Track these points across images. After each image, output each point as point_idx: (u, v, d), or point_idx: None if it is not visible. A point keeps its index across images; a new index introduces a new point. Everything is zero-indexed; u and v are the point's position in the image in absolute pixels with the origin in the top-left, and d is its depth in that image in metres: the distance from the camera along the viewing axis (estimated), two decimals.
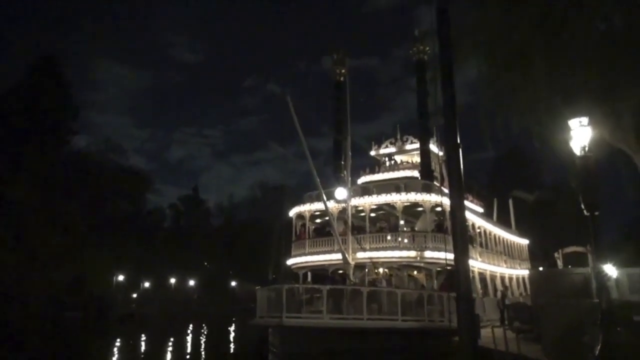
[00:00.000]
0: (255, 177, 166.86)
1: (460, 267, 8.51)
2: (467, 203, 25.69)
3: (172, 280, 65.02)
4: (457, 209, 8.42)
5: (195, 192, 73.08)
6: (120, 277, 54.28)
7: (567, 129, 9.18)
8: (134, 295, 57.87)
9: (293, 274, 23.57)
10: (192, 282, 66.74)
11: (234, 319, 42.75)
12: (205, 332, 35.84)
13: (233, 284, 71.02)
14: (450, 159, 8.73)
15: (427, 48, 25.41)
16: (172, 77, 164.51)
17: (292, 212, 24.17)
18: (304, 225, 23.68)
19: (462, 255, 8.62)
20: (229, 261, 66.32)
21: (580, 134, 8.84)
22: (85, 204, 45.51)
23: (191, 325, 39.40)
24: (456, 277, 8.65)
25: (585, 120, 8.93)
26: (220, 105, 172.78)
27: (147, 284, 63.41)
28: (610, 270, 15.00)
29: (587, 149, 8.71)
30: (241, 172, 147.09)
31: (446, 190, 14.92)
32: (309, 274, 23.28)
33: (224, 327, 38.11)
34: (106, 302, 46.47)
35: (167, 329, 37.48)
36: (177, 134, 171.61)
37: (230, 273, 69.39)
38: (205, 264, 68.53)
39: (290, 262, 23.68)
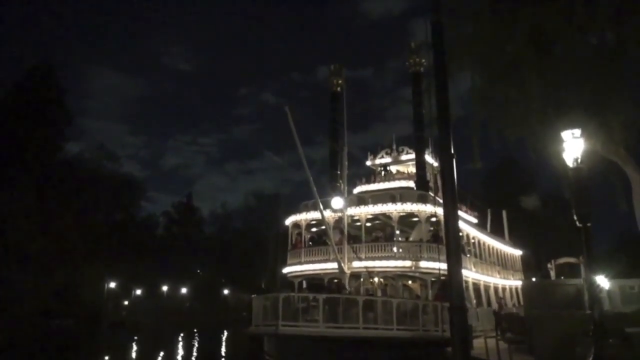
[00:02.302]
0: (250, 186, 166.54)
1: (453, 277, 8.47)
2: (461, 213, 25.91)
3: (164, 288, 64.50)
4: (451, 218, 8.44)
5: (189, 200, 72.77)
6: (112, 285, 53.78)
7: (560, 140, 9.28)
8: (125, 303, 57.35)
9: (288, 283, 23.52)
10: (184, 290, 66.23)
11: (226, 328, 42.46)
12: (197, 341, 35.55)
13: (225, 292, 70.57)
14: (444, 169, 8.77)
15: (423, 60, 25.64)
16: (167, 85, 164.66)
17: (289, 221, 24.19)
18: (300, 234, 23.69)
19: (455, 265, 8.59)
20: (222, 270, 65.98)
21: (572, 145, 8.92)
22: (78, 210, 45.19)
23: (183, 334, 39.09)
24: (449, 287, 8.63)
25: (577, 132, 9.03)
26: (215, 114, 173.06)
27: (138, 292, 62.89)
28: (603, 281, 15.12)
29: (579, 160, 8.80)
30: (235, 180, 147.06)
31: (441, 201, 15.03)
32: (304, 282, 23.24)
33: (216, 336, 37.83)
34: (97, 309, 46.03)
35: (159, 337, 37.15)
36: (171, 142, 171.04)
37: (222, 281, 68.97)
38: (198, 272, 68.08)
39: (285, 270, 23.67)
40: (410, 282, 23.14)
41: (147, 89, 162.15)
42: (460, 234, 22.95)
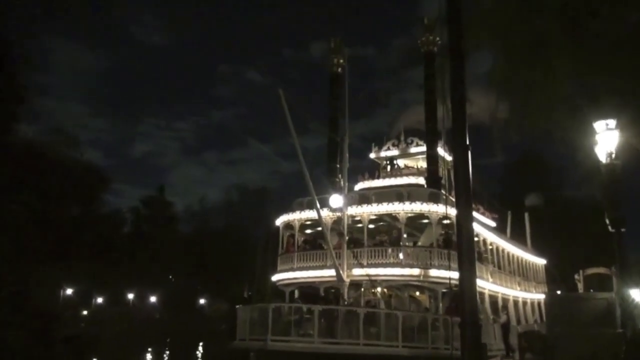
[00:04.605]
0: (232, 179, 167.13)
1: (466, 288, 8.57)
2: (477, 215, 26.22)
3: (130, 296, 64.74)
4: (465, 220, 8.54)
5: (161, 194, 72.86)
6: (69, 291, 53.90)
7: (592, 132, 9.45)
8: (85, 313, 57.52)
9: (277, 292, 23.80)
10: (153, 299, 66.47)
11: (202, 342, 42.78)
12: (168, 357, 35.81)
13: (202, 301, 70.84)
14: (458, 164, 8.85)
15: (437, 39, 25.77)
16: (137, 60, 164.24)
17: (280, 221, 24.40)
18: (292, 236, 23.92)
19: (469, 274, 8.69)
20: (198, 275, 66.17)
21: (606, 138, 9.09)
22: (29, 203, 44.99)
23: (151, 349, 39.33)
24: (461, 300, 8.73)
25: (612, 122, 9.20)
26: (192, 95, 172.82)
27: (100, 300, 63.08)
28: (638, 295, 15.44)
29: (614, 155, 8.97)
30: (215, 171, 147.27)
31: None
32: (296, 292, 23.52)
33: (191, 351, 38.10)
34: (51, 319, 46.01)
35: (123, 353, 37.34)
36: (140, 126, 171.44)
37: (198, 289, 69.23)
38: (170, 277, 68.24)
39: (275, 278, 23.95)
40: (418, 293, 23.46)
41: (113, 64, 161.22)
42: (476, 238, 23.25)
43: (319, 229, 21.77)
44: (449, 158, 24.90)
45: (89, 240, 54.25)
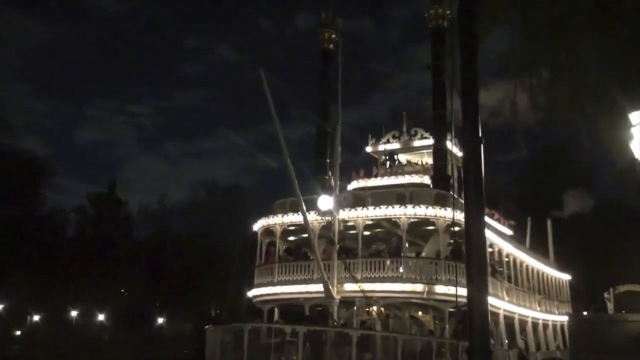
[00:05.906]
0: (198, 174, 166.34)
1: (475, 307, 8.72)
2: (492, 222, 26.60)
3: (74, 314, 64.44)
4: (475, 227, 8.70)
5: (112, 191, 72.46)
6: None
7: (627, 124, 9.74)
8: (18, 333, 57.16)
9: (254, 310, 23.96)
10: (102, 317, 66.23)
11: None
12: None
13: (160, 320, 70.76)
14: (469, 159, 9.01)
15: (448, 12, 26.07)
16: (86, 31, 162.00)
17: (258, 226, 24.61)
18: (273, 243, 24.15)
19: (479, 290, 8.82)
20: (157, 289, 65.96)
21: None
22: None
23: None
24: (469, 321, 8.91)
25: None
26: (152, 73, 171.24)
27: (37, 318, 62.69)
28: None
29: None
30: (178, 165, 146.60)
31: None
32: (276, 310, 23.71)
33: None
34: None
35: None
36: (89, 109, 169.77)
37: (157, 305, 69.06)
38: (122, 291, 67.95)
39: (251, 293, 24.19)
40: (420, 312, 23.80)
41: (57, 35, 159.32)
42: (489, 249, 23.65)
43: (305, 235, 21.99)
44: (459, 153, 25.26)
45: (24, 246, 53.91)
